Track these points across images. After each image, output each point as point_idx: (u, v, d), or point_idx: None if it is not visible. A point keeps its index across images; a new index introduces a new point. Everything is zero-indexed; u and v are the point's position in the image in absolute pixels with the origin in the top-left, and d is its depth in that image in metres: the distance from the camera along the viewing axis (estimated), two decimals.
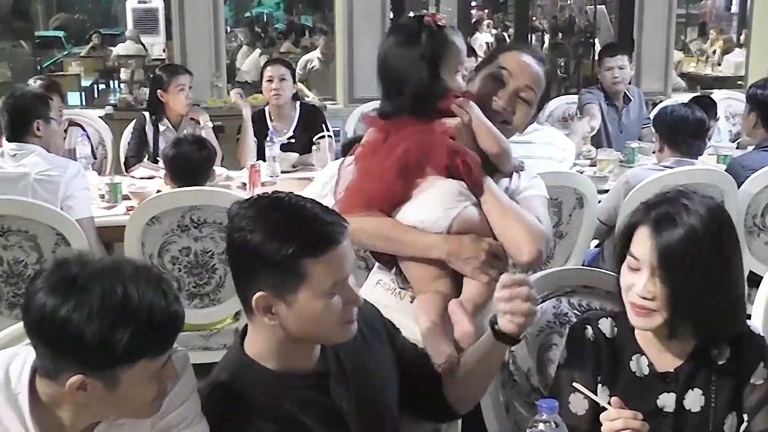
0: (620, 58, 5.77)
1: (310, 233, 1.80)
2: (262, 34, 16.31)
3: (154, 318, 1.63)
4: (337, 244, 1.82)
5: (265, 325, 1.86)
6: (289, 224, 1.80)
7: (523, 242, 2.27)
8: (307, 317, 1.83)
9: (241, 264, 1.85)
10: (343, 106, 7.64)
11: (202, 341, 3.79)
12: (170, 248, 3.61)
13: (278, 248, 1.77)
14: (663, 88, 8.41)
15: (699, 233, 1.93)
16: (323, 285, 1.81)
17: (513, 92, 2.40)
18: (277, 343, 1.88)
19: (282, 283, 1.80)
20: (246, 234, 1.79)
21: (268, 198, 1.88)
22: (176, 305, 1.68)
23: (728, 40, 14.33)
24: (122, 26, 17.45)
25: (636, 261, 1.96)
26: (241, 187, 4.61)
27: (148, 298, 1.63)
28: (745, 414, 2.06)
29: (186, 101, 5.19)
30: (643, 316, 1.98)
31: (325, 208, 1.89)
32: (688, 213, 1.94)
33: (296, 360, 1.92)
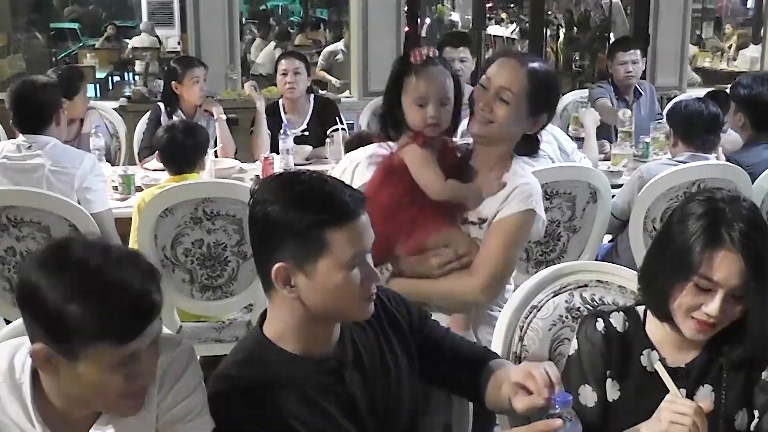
0: (633, 53, 5.74)
1: (332, 203, 1.84)
2: (277, 27, 16.31)
3: (121, 298, 1.60)
4: (358, 216, 1.86)
5: (284, 302, 1.88)
6: (312, 195, 1.84)
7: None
8: (326, 289, 1.85)
9: (262, 236, 1.87)
10: (358, 99, 7.65)
11: (214, 333, 3.79)
12: (183, 240, 3.60)
13: (300, 217, 1.81)
14: (678, 83, 8.38)
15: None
16: (344, 255, 1.84)
17: (492, 95, 2.58)
18: (297, 323, 1.90)
19: (303, 253, 1.83)
20: (268, 205, 1.83)
21: (288, 173, 1.94)
22: (153, 295, 1.65)
23: (744, 35, 14.25)
24: (137, 18, 17.44)
25: (710, 283, 1.93)
26: (254, 179, 4.60)
27: (121, 278, 1.61)
28: (755, 411, 2.06)
29: (200, 93, 5.20)
30: (705, 332, 1.99)
31: (344, 183, 1.95)
32: (756, 229, 1.93)
33: (315, 342, 1.93)
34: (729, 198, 1.99)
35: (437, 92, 2.56)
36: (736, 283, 1.91)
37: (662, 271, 2.00)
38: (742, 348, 2.02)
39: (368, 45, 7.69)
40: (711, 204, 1.97)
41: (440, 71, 2.59)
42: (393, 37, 7.70)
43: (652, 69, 8.24)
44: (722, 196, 1.99)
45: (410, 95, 2.56)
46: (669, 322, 2.02)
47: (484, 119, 2.60)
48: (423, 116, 2.56)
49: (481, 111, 2.60)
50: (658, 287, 2.01)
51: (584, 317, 2.21)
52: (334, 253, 1.83)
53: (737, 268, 1.90)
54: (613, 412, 2.08)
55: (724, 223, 1.92)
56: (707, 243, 1.92)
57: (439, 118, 2.58)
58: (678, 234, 1.97)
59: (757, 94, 4.32)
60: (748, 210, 1.96)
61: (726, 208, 1.94)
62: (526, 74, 2.58)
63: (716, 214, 1.94)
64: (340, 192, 1.87)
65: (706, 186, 3.90)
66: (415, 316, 2.15)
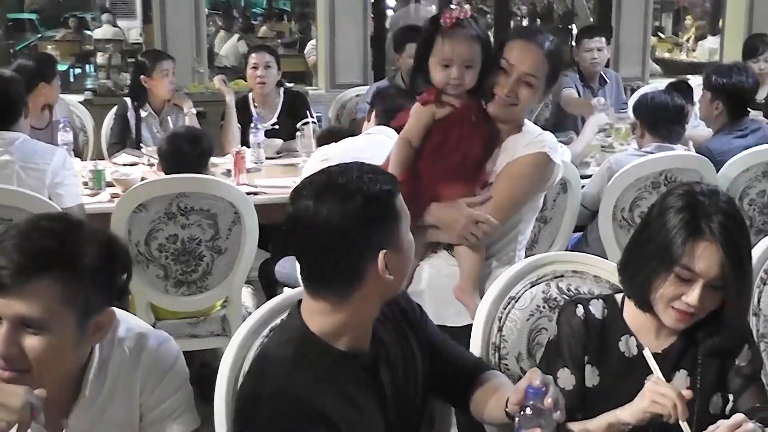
0: (598, 40, 5.82)
1: (381, 176, 1.90)
2: (240, 18, 16.24)
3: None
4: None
5: (367, 296, 1.88)
6: (362, 178, 1.85)
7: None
8: (408, 255, 1.93)
9: (348, 239, 1.83)
10: (325, 91, 7.66)
11: (189, 329, 3.80)
12: (157, 236, 3.61)
13: (377, 201, 1.84)
14: (641, 73, 8.49)
15: (747, 240, 2.04)
16: (407, 219, 1.92)
17: (515, 80, 2.66)
18: (347, 323, 1.90)
19: (392, 231, 1.87)
20: (347, 210, 1.81)
21: (318, 176, 1.91)
22: (47, 240, 1.68)
23: (702, 27, 14.43)
24: (96, 10, 17.28)
25: (691, 273, 1.98)
26: (225, 173, 4.61)
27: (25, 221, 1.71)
28: (729, 395, 2.13)
29: (170, 87, 5.19)
30: (685, 321, 2.04)
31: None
32: (734, 221, 2.00)
33: (357, 341, 1.94)
34: (708, 191, 2.04)
35: (461, 55, 2.65)
36: (715, 273, 1.96)
37: (644, 264, 2.04)
38: (719, 336, 2.08)
39: (335, 37, 7.70)
40: (690, 197, 2.02)
41: (467, 35, 2.65)
42: (360, 30, 7.72)
43: (615, 60, 8.32)
44: (701, 189, 2.05)
45: (436, 56, 2.67)
46: (650, 311, 2.07)
47: (507, 102, 2.69)
48: (446, 77, 2.66)
49: (506, 96, 2.68)
50: (640, 279, 2.06)
51: (564, 303, 2.27)
52: (403, 218, 1.91)
53: (717, 259, 1.96)
54: (592, 397, 2.13)
55: (704, 216, 1.97)
56: (688, 235, 1.97)
57: (462, 79, 2.66)
58: (659, 227, 2.02)
59: (737, 82, 4.42)
60: (726, 203, 2.02)
61: (705, 201, 2.00)
62: (547, 58, 2.69)
63: (696, 207, 1.99)
64: (376, 168, 1.94)
65: (673, 176, 3.99)
66: (417, 310, 2.18)
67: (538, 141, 2.74)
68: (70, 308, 1.68)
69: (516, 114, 2.74)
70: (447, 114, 2.71)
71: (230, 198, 3.64)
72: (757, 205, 4.21)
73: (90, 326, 1.73)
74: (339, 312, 1.89)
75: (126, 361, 1.88)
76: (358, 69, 7.73)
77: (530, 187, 2.78)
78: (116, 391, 1.87)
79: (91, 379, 1.82)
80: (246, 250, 3.74)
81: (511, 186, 2.72)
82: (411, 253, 1.96)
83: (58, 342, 1.68)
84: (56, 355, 1.69)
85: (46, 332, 1.66)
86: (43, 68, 4.82)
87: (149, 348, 1.91)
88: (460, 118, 2.71)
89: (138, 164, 4.76)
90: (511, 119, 2.75)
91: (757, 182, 4.19)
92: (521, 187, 2.74)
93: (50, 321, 1.66)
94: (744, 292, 2.05)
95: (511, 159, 2.72)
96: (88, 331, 1.73)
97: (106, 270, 1.74)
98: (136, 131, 5.18)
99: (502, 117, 2.73)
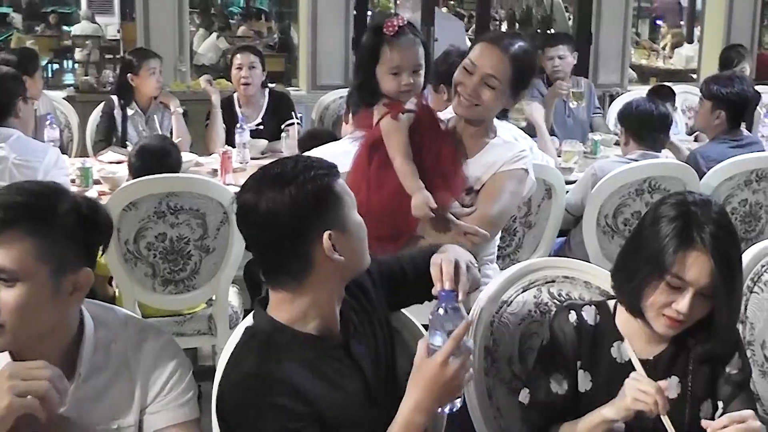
0: (560, 48, 5.82)
1: (316, 163, 1.93)
2: (218, 17, 16.18)
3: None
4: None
5: (320, 280, 1.92)
6: (296, 167, 1.90)
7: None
8: (357, 235, 1.97)
9: (289, 225, 1.87)
10: (306, 92, 7.69)
11: (176, 327, 3.80)
12: (146, 234, 3.61)
13: (314, 188, 1.87)
14: (620, 80, 8.57)
15: (737, 250, 2.09)
16: (351, 200, 1.96)
17: (478, 81, 2.71)
18: (311, 307, 1.94)
19: (333, 212, 1.91)
20: (285, 197, 1.85)
21: (258, 171, 1.96)
22: (21, 196, 1.73)
23: (678, 34, 14.56)
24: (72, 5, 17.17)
25: (682, 282, 2.02)
26: (210, 173, 4.62)
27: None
28: (719, 402, 2.17)
29: (156, 85, 5.18)
30: (675, 328, 2.08)
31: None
32: (725, 232, 2.04)
33: (326, 323, 1.98)
34: (700, 201, 2.08)
35: (410, 61, 2.72)
36: (706, 282, 2.01)
37: (636, 272, 2.08)
38: (710, 343, 2.12)
39: (317, 39, 7.73)
40: (683, 207, 2.06)
41: (412, 40, 2.73)
42: (342, 31, 7.75)
43: (594, 67, 8.42)
44: (693, 199, 2.09)
45: (385, 65, 2.71)
46: (641, 318, 2.11)
47: (470, 103, 2.73)
48: (397, 84, 2.72)
49: (468, 96, 2.72)
50: (631, 286, 2.10)
51: (558, 308, 2.31)
52: (348, 200, 1.95)
53: (708, 268, 2.00)
54: (585, 402, 2.16)
55: (696, 226, 2.02)
56: (680, 244, 2.01)
57: (413, 84, 2.73)
58: (651, 236, 2.06)
59: (740, 91, 4.49)
60: (718, 213, 2.06)
61: (698, 211, 2.04)
62: (510, 61, 2.71)
63: (688, 217, 2.03)
64: (308, 158, 1.97)
65: (656, 183, 4.05)
66: (369, 280, 2.18)
67: (521, 157, 2.80)
68: (43, 262, 1.71)
69: (480, 115, 2.77)
70: (412, 120, 2.76)
71: (219, 198, 3.65)
72: (740, 214, 4.27)
73: (65, 284, 1.75)
74: (299, 298, 1.94)
75: (129, 349, 1.91)
76: (339, 70, 7.77)
77: (517, 201, 2.90)
78: (118, 377, 1.89)
79: (85, 357, 1.84)
80: (233, 250, 3.75)
81: (500, 200, 2.76)
82: (360, 233, 1.99)
83: (31, 296, 1.71)
84: (30, 310, 1.71)
85: (19, 285, 1.69)
86: (25, 62, 4.82)
87: (154, 338, 1.94)
88: (423, 122, 2.77)
89: (123, 162, 4.75)
90: (477, 119, 2.79)
91: (740, 191, 4.25)
92: (510, 201, 2.81)
93: (21, 273, 1.69)
94: (734, 300, 2.10)
95: (497, 170, 2.77)
96: (63, 289, 1.75)
97: (84, 230, 1.77)
98: (122, 129, 5.17)
99: (467, 117, 2.79)
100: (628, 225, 4.09)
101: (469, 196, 2.77)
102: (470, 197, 2.77)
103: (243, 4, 22.26)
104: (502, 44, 2.74)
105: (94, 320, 1.89)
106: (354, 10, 7.90)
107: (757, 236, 4.31)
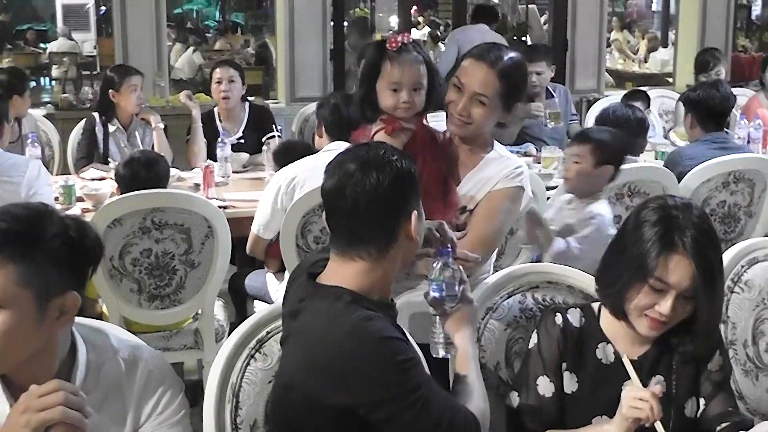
0: (538, 65, 5.79)
1: (400, 153, 2.10)
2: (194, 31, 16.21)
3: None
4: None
5: (394, 258, 2.05)
6: (392, 154, 2.05)
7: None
8: (424, 224, 2.15)
9: (390, 202, 2.02)
10: (285, 105, 7.71)
11: (162, 342, 3.81)
12: (131, 250, 3.63)
13: (408, 170, 2.05)
14: (596, 85, 8.64)
15: (717, 252, 2.13)
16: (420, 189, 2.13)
17: (467, 99, 2.71)
18: (381, 279, 2.05)
19: (417, 198, 2.08)
20: (385, 177, 2.00)
21: (350, 153, 2.10)
22: (3, 222, 1.73)
23: (653, 39, 14.71)
24: (49, 22, 17.15)
25: (664, 284, 2.06)
26: (193, 187, 4.63)
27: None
28: (701, 399, 2.22)
29: (138, 102, 5.18)
30: (658, 330, 2.12)
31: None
32: (706, 235, 2.08)
33: (386, 296, 2.10)
34: (682, 205, 2.12)
35: (410, 78, 2.69)
36: (687, 284, 2.05)
37: (619, 275, 2.12)
38: (692, 344, 2.16)
39: (295, 51, 7.75)
40: (664, 212, 2.10)
41: (414, 58, 2.71)
42: (320, 43, 7.78)
43: (571, 73, 8.49)
44: (675, 203, 2.13)
45: (385, 80, 2.70)
46: (624, 320, 2.15)
47: (462, 122, 2.73)
48: (396, 100, 2.70)
49: (459, 115, 2.72)
50: (615, 289, 2.14)
51: (544, 312, 2.35)
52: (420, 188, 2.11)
53: (689, 271, 2.04)
54: (571, 403, 2.21)
55: (677, 230, 2.06)
56: (662, 248, 2.05)
57: (412, 102, 2.71)
58: (634, 240, 2.10)
59: (704, 94, 4.54)
60: (699, 217, 2.10)
61: (679, 216, 2.08)
62: (497, 75, 2.70)
63: (670, 221, 2.08)
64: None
65: (636, 187, 4.09)
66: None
67: (518, 174, 2.78)
68: (26, 288, 1.70)
69: (473, 132, 2.75)
70: (408, 139, 2.75)
71: (203, 212, 3.67)
72: (718, 215, 4.33)
73: (51, 308, 1.74)
74: (375, 269, 2.03)
75: (122, 373, 1.91)
76: (318, 82, 7.79)
77: (511, 221, 2.90)
78: (108, 400, 1.88)
79: (78, 379, 1.84)
80: (218, 264, 3.78)
81: (494, 220, 2.75)
82: (424, 223, 2.15)
83: (15, 322, 1.70)
84: (15, 336, 1.71)
85: (2, 311, 1.69)
86: (15, 81, 4.83)
87: (145, 359, 1.94)
88: (421, 140, 2.75)
89: (106, 179, 4.76)
90: (471, 137, 2.78)
91: (718, 192, 4.31)
92: (504, 221, 2.80)
93: (4, 299, 1.68)
94: (715, 301, 2.14)
95: (491, 188, 2.75)
96: (49, 314, 1.74)
97: (71, 253, 1.75)
98: (104, 146, 5.16)
99: (461, 135, 2.78)
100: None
101: (464, 216, 2.76)
102: (464, 216, 2.76)
103: (219, 18, 22.30)
104: (489, 59, 2.72)
105: (85, 343, 1.89)
106: (331, 21, 7.95)
107: (737, 237, 4.36)
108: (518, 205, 2.82)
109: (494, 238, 2.80)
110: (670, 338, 2.18)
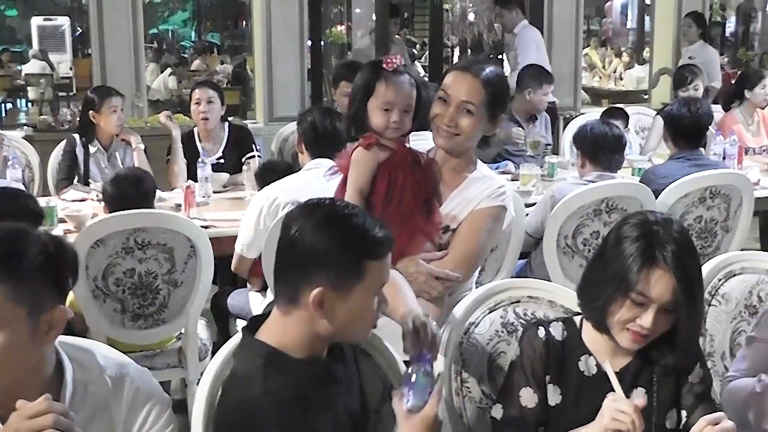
0: (550, 87, 5.94)
1: (374, 238, 2.00)
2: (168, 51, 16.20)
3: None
4: (389, 251, 2.05)
5: (302, 319, 1.99)
6: (354, 230, 1.99)
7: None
8: (354, 311, 2.00)
9: (302, 262, 1.99)
10: (263, 124, 7.74)
11: (146, 361, 3.81)
12: (114, 270, 3.64)
13: (347, 249, 1.96)
14: (573, 103, 8.72)
15: (697, 266, 2.18)
16: (375, 284, 2.01)
17: (454, 109, 2.73)
18: (309, 335, 2.02)
19: (343, 280, 1.97)
20: (310, 235, 1.97)
21: (325, 206, 2.06)
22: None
23: (629, 56, 14.83)
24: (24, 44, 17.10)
25: (646, 299, 2.11)
26: (174, 208, 4.64)
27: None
28: (683, 411, 2.26)
29: (118, 122, 5.18)
30: (639, 342, 2.17)
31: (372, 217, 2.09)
32: (686, 250, 2.13)
33: (318, 349, 2.06)
34: (662, 221, 2.17)
35: (403, 100, 2.74)
36: (668, 298, 2.10)
37: (601, 289, 2.16)
38: (673, 356, 2.21)
39: (273, 70, 7.78)
40: (645, 227, 2.15)
41: (407, 80, 2.76)
42: (297, 62, 7.81)
43: None
44: (655, 218, 2.17)
45: (378, 100, 2.73)
46: (606, 333, 2.20)
47: (450, 133, 2.75)
48: (387, 120, 2.73)
49: (446, 127, 2.74)
50: (597, 304, 2.18)
51: (526, 326, 2.39)
52: (367, 281, 1.99)
53: (670, 285, 2.09)
54: (555, 415, 2.24)
55: (658, 245, 2.11)
56: (643, 263, 2.10)
57: (401, 123, 2.75)
58: (615, 255, 2.15)
59: (677, 112, 4.65)
60: (679, 232, 2.15)
61: (659, 231, 2.13)
62: (482, 85, 2.74)
63: (650, 236, 2.12)
64: (378, 228, 2.02)
65: (614, 203, 4.15)
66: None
67: (500, 193, 2.81)
68: (19, 306, 1.73)
69: (461, 144, 2.78)
70: (387, 157, 2.77)
71: (186, 232, 3.69)
72: (695, 230, 4.40)
73: (42, 323, 1.77)
74: (295, 325, 2.01)
75: (109, 390, 1.92)
76: (296, 101, 7.82)
77: (493, 240, 2.93)
78: (96, 418, 1.90)
79: (67, 398, 1.85)
80: (201, 283, 3.79)
81: (477, 239, 2.77)
82: (363, 316, 2.03)
83: (12, 340, 1.73)
84: (12, 354, 1.74)
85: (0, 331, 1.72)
86: None
87: (132, 377, 1.96)
88: (401, 160, 2.78)
89: (87, 200, 4.77)
90: (458, 150, 2.80)
91: (694, 208, 4.39)
92: (486, 241, 2.83)
93: (1, 319, 1.71)
94: (695, 314, 2.19)
95: (474, 207, 2.77)
96: (40, 329, 1.77)
97: (53, 268, 1.78)
98: (85, 167, 5.16)
99: (448, 148, 2.80)
100: (587, 245, 4.19)
101: (446, 235, 2.78)
102: (447, 236, 2.78)
103: (195, 38, 22.28)
104: (473, 70, 2.76)
105: (71, 362, 1.90)
106: (309, 41, 7.98)
107: (714, 252, 4.43)
108: (501, 225, 2.84)
109: (476, 258, 2.82)
110: (651, 351, 2.22)
